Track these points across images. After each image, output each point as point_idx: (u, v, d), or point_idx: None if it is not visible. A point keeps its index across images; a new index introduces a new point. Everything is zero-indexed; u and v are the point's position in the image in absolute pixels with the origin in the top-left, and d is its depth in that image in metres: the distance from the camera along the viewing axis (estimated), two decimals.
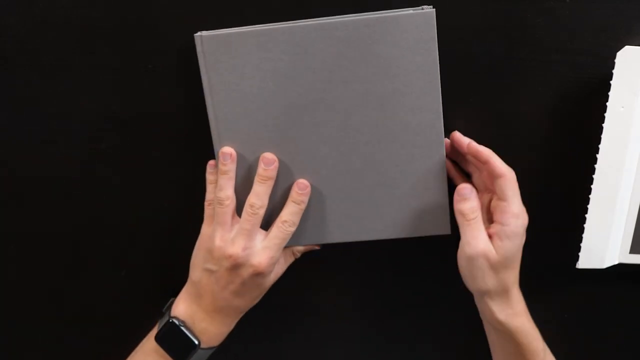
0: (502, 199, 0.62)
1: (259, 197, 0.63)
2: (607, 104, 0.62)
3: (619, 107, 0.62)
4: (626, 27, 0.62)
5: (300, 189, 0.64)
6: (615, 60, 0.61)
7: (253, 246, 0.63)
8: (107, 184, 0.70)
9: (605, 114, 0.62)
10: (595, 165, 0.64)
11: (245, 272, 0.63)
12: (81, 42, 0.65)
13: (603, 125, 0.63)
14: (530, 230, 0.70)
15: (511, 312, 0.63)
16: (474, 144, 0.63)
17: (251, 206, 0.63)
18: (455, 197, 0.63)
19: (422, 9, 0.60)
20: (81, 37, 0.65)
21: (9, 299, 0.76)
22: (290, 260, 0.69)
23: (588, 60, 0.63)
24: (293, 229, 0.64)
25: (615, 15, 0.62)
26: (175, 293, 0.74)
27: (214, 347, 0.67)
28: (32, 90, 0.67)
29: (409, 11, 0.60)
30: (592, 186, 0.65)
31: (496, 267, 0.61)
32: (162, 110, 0.67)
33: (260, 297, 0.67)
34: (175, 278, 0.72)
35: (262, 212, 0.63)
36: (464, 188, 0.62)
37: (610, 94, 0.62)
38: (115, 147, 0.69)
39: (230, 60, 0.62)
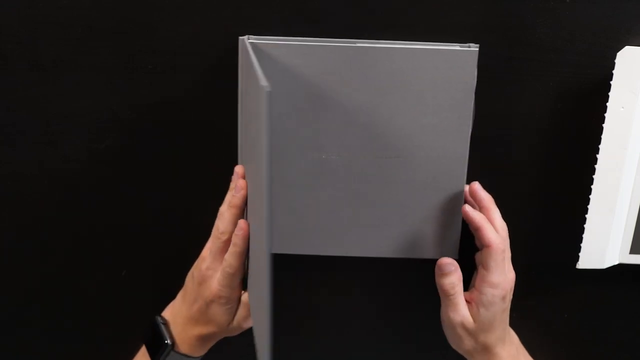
0: (484, 267, 0.63)
1: (223, 222, 0.62)
2: (607, 104, 0.62)
3: (619, 107, 0.62)
4: (626, 27, 0.62)
5: (237, 230, 0.61)
6: (615, 60, 0.61)
7: (214, 271, 0.63)
8: (107, 184, 0.70)
9: (605, 114, 0.62)
10: (595, 165, 0.64)
11: (204, 293, 0.63)
12: (81, 42, 0.65)
13: (603, 125, 0.63)
14: (530, 230, 0.70)
15: None
16: (467, 210, 0.63)
17: (216, 228, 0.63)
18: (437, 270, 0.65)
19: (469, 46, 0.61)
20: (81, 37, 0.65)
21: (9, 299, 0.76)
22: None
23: (588, 60, 0.63)
24: (230, 270, 0.62)
25: (615, 15, 0.62)
26: (175, 294, 0.74)
27: (191, 357, 0.66)
28: (32, 90, 0.67)
29: (455, 47, 0.61)
30: (592, 186, 0.65)
31: (474, 332, 0.64)
32: (162, 110, 0.67)
33: (227, 331, 0.66)
34: (175, 278, 0.72)
35: (224, 237, 0.62)
36: (446, 265, 0.64)
37: (610, 94, 0.62)
38: (115, 147, 0.68)
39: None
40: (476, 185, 0.65)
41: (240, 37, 0.62)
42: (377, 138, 0.63)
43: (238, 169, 0.64)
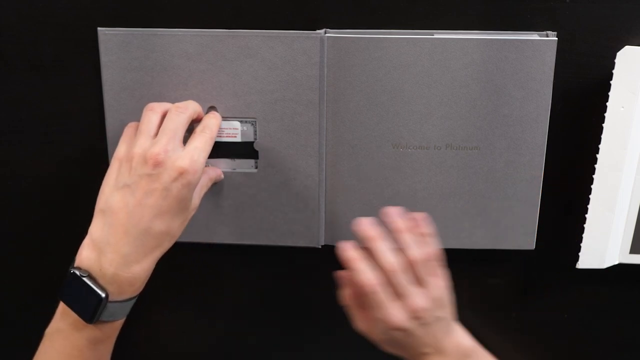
0: None
1: (187, 104, 0.61)
2: (607, 104, 0.62)
3: (619, 107, 0.62)
4: (626, 27, 0.62)
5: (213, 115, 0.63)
6: (615, 60, 0.61)
7: (176, 149, 0.57)
8: None
9: (605, 114, 0.62)
10: (595, 165, 0.64)
11: (168, 176, 0.56)
12: (81, 42, 0.65)
13: (603, 125, 0.63)
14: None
15: None
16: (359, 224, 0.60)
17: (177, 107, 0.60)
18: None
19: (547, 35, 0.62)
20: (81, 37, 0.65)
21: (9, 299, 0.76)
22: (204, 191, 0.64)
23: (588, 60, 0.63)
24: (213, 134, 0.60)
25: (615, 15, 0.62)
26: (175, 292, 0.74)
27: (132, 298, 0.59)
28: (32, 90, 0.67)
29: (534, 36, 0.61)
30: (592, 186, 0.65)
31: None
32: None
33: (182, 226, 0.60)
34: (175, 277, 0.72)
35: (188, 113, 0.60)
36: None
37: (610, 94, 0.62)
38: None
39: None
40: (389, 210, 0.61)
41: (100, 29, 0.63)
42: (456, 130, 0.64)
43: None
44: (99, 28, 0.63)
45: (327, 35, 0.62)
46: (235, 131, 0.65)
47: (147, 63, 0.63)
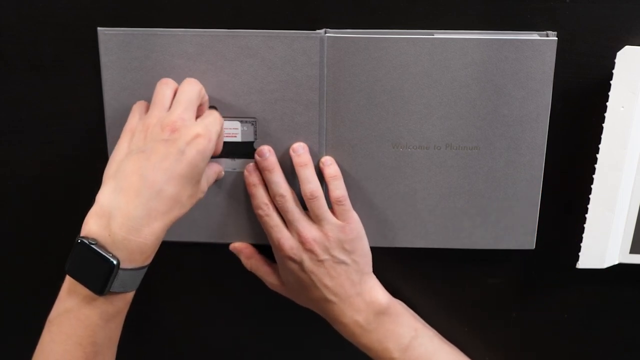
0: None
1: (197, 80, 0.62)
2: (607, 104, 0.62)
3: (619, 107, 0.62)
4: (626, 27, 0.62)
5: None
6: (615, 60, 0.61)
7: (191, 118, 0.59)
8: None
9: (605, 114, 0.63)
10: (595, 165, 0.64)
11: (183, 140, 0.56)
12: (81, 42, 0.65)
13: (603, 125, 0.63)
14: None
15: None
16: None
17: (189, 80, 0.61)
18: None
19: (547, 35, 0.62)
20: (81, 37, 0.65)
21: (9, 300, 0.76)
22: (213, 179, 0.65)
23: (588, 60, 0.63)
24: (221, 117, 0.61)
25: (615, 15, 0.62)
26: (174, 292, 0.74)
27: (142, 267, 0.57)
28: (32, 90, 0.67)
29: (534, 36, 0.61)
30: (592, 186, 0.65)
31: None
32: None
33: (191, 200, 0.59)
34: (175, 277, 0.72)
35: (200, 86, 0.61)
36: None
37: (610, 94, 0.62)
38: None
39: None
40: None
41: (100, 29, 0.63)
42: (456, 129, 0.64)
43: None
44: (99, 28, 0.63)
45: (327, 35, 0.62)
46: (235, 131, 0.65)
47: (147, 63, 0.63)
